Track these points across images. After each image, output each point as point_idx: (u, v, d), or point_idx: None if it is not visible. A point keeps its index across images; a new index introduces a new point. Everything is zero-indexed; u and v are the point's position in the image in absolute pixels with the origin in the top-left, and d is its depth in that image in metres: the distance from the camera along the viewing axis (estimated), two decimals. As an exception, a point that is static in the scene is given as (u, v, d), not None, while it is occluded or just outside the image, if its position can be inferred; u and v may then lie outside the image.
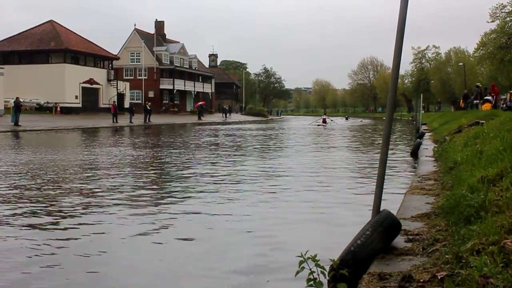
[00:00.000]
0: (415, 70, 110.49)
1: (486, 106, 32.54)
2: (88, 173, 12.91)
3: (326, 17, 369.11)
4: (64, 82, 58.89)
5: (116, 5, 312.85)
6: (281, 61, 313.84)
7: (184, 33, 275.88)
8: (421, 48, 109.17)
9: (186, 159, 16.56)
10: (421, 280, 3.49)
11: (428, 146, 16.94)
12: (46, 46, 61.24)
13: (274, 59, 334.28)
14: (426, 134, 24.25)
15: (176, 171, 13.65)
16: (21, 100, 39.69)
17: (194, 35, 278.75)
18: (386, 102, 5.02)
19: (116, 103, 52.96)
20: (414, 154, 16.34)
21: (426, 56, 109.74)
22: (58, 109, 57.26)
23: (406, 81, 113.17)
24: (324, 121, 55.14)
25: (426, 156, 13.69)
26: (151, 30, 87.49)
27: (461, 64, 79.44)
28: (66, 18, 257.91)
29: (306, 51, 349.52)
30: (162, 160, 16.51)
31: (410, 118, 64.59)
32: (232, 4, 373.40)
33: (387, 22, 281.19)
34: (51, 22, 66.30)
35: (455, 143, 12.91)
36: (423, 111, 42.45)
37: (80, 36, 67.42)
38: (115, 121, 46.79)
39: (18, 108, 37.22)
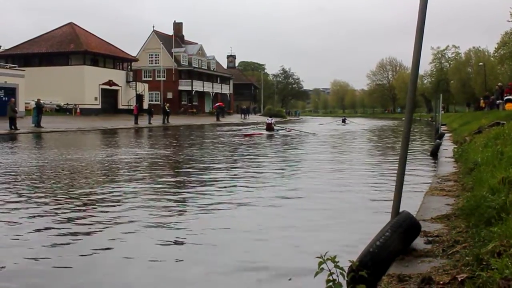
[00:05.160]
0: (435, 70, 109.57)
1: (510, 106, 32.06)
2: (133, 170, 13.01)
3: (342, 17, 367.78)
4: (84, 83, 59.40)
5: (135, 7, 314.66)
6: (299, 62, 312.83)
7: (202, 34, 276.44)
8: (441, 48, 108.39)
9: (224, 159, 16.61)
10: (441, 282, 3.46)
11: (448, 147, 16.80)
12: (66, 48, 61.86)
13: (292, 60, 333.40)
14: (446, 134, 24.07)
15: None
16: (42, 102, 40.09)
17: (212, 36, 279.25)
18: (405, 103, 4.99)
19: (138, 104, 53.35)
20: (434, 155, 16.22)
21: (446, 56, 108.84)
22: (78, 110, 57.77)
23: (425, 81, 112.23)
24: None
25: (445, 157, 13.57)
26: (170, 31, 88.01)
27: (481, 64, 78.68)
28: (85, 21, 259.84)
29: (322, 51, 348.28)
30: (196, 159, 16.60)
31: (430, 119, 64.07)
32: (249, 6, 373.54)
33: (406, 21, 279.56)
34: (71, 24, 66.93)
35: (475, 144, 12.79)
36: (442, 112, 42.13)
37: (99, 38, 67.97)
38: (136, 122, 47.09)
39: (40, 110, 37.59)
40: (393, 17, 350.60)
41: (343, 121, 60.83)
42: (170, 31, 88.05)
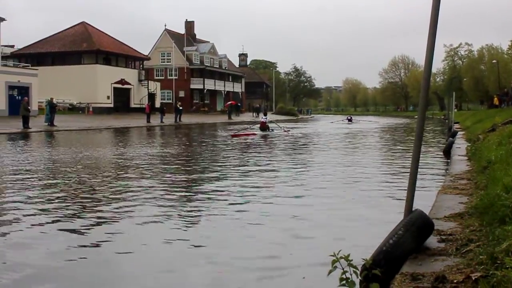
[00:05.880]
0: (447, 68, 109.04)
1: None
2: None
3: (354, 15, 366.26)
4: (96, 82, 59.67)
5: (147, 6, 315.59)
6: (311, 60, 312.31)
7: (214, 33, 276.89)
8: (454, 45, 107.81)
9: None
10: (455, 281, 3.45)
11: (461, 145, 16.71)
12: (79, 47, 62.17)
13: (304, 58, 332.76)
14: (459, 132, 23.93)
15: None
16: (55, 101, 40.33)
17: (224, 35, 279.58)
18: (418, 101, 4.97)
19: (150, 103, 53.55)
20: (447, 153, 16.11)
21: (459, 53, 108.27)
22: (90, 109, 58.05)
23: (438, 79, 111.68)
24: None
25: (458, 155, 13.50)
26: (182, 30, 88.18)
27: (494, 61, 78.16)
28: (97, 21, 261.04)
29: (335, 49, 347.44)
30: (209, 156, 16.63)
31: (442, 117, 63.70)
32: (261, 4, 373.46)
33: (419, 19, 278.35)
34: (83, 23, 67.26)
35: (488, 142, 12.72)
36: (455, 110, 41.90)
37: (112, 37, 68.26)
38: (148, 121, 47.26)
39: (53, 109, 37.82)
40: (405, 15, 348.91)
41: (349, 120, 58.68)
42: (182, 30, 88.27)
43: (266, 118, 35.66)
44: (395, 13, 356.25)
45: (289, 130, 35.58)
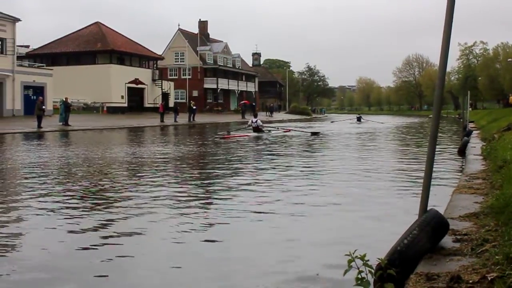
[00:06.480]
0: (462, 66, 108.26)
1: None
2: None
3: (368, 14, 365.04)
4: (110, 82, 59.97)
5: (160, 6, 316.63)
6: (324, 59, 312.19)
7: (228, 32, 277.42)
8: (468, 44, 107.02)
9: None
10: (470, 281, 3.43)
11: (476, 145, 16.61)
12: (93, 47, 62.52)
13: (318, 57, 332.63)
14: (474, 132, 23.78)
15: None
16: (70, 101, 40.59)
17: (237, 34, 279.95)
18: (433, 100, 4.95)
19: (164, 103, 53.77)
20: (462, 152, 16.01)
21: (474, 52, 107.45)
22: (105, 109, 58.35)
23: (452, 78, 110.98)
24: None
25: (474, 154, 13.42)
26: (195, 30, 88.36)
27: (510, 60, 77.47)
28: (111, 21, 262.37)
29: (348, 48, 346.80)
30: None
31: (457, 116, 63.30)
32: (274, 4, 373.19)
33: (433, 17, 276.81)
34: (97, 23, 67.64)
35: (504, 141, 12.64)
36: (470, 109, 41.60)
37: (126, 37, 68.58)
38: (162, 120, 47.40)
39: (67, 109, 38.05)
40: (420, 13, 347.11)
41: (358, 119, 55.82)
42: (195, 30, 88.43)
43: (256, 121, 30.43)
44: (409, 11, 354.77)
45: (289, 130, 32.55)
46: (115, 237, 6.58)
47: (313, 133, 30.08)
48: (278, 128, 32.74)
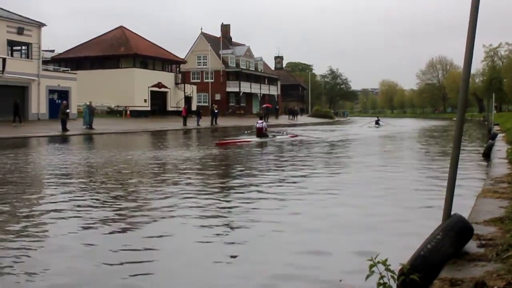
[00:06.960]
0: (487, 68, 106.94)
1: None
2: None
3: (389, 16, 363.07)
4: (134, 86, 60.43)
5: (183, 10, 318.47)
6: (347, 62, 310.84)
7: (250, 36, 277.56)
8: (493, 45, 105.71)
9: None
10: (495, 287, 3.37)
11: (501, 148, 16.39)
12: (116, 51, 63.14)
13: (340, 60, 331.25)
14: (499, 135, 23.48)
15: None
16: (94, 105, 41.00)
17: (259, 38, 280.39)
18: (456, 102, 4.89)
19: (187, 106, 54.02)
20: (486, 156, 15.81)
21: (498, 53, 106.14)
22: (128, 112, 58.80)
23: (477, 80, 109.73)
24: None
25: (499, 158, 13.25)
26: (217, 33, 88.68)
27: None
28: (134, 25, 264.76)
29: (371, 51, 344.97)
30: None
31: (482, 119, 62.58)
32: (296, 7, 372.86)
33: (457, 19, 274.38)
34: (121, 28, 68.30)
35: (530, 144, 12.44)
36: (495, 111, 41.13)
37: (149, 41, 69.09)
38: (185, 123, 47.59)
39: (91, 112, 38.45)
40: (443, 15, 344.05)
41: (377, 122, 54.00)
42: (217, 33, 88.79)
43: (262, 123, 30.10)
44: (433, 13, 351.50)
45: (296, 135, 31.72)
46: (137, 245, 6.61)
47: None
48: (283, 133, 32.10)
